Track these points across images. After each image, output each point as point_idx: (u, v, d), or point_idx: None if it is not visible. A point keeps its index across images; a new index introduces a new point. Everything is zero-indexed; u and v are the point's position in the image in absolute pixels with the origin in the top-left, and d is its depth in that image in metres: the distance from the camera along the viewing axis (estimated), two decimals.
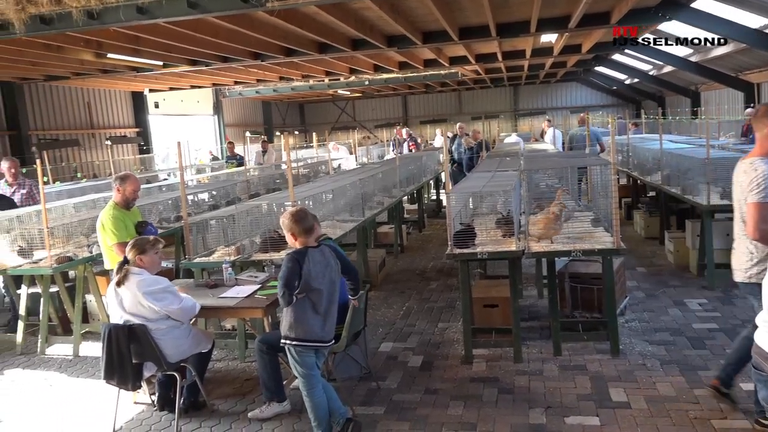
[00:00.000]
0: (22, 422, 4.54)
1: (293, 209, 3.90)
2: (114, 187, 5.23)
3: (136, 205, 5.43)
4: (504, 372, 4.80)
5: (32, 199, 7.41)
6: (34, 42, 8.45)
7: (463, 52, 13.51)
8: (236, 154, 13.76)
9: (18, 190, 7.51)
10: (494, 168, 7.85)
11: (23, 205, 7.27)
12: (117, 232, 5.01)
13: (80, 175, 14.25)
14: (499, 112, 27.20)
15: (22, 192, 7.49)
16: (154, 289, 4.04)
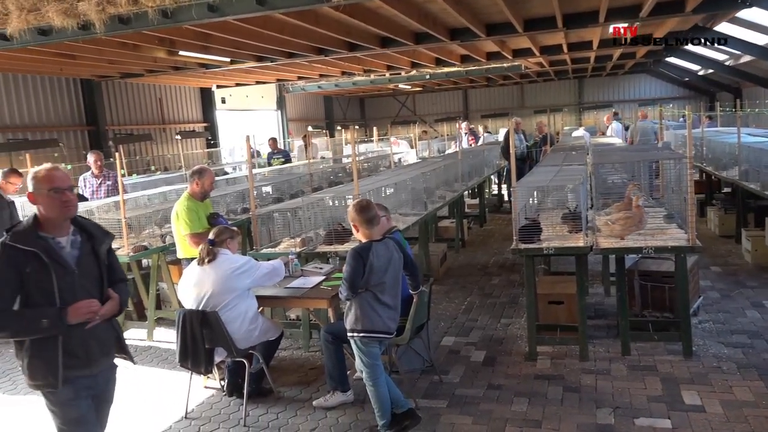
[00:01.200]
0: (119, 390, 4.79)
1: (358, 200, 3.95)
2: (191, 179, 5.43)
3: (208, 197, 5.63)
4: (569, 370, 4.71)
5: (117, 191, 7.80)
6: (112, 41, 8.85)
7: (527, 44, 13.24)
8: (280, 150, 13.62)
9: (104, 182, 7.94)
10: (560, 162, 7.69)
11: (109, 196, 7.68)
12: (190, 222, 5.22)
13: (154, 167, 14.88)
14: (562, 106, 26.49)
15: (108, 183, 7.91)
16: (240, 264, 4.28)
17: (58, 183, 2.72)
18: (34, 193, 2.72)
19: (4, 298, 2.64)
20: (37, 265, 2.65)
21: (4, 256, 2.64)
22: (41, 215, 2.74)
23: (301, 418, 4.27)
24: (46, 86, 12.58)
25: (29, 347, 2.70)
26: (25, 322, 2.65)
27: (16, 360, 2.81)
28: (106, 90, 14.05)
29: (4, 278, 2.63)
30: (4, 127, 11.61)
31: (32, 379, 2.73)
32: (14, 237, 2.67)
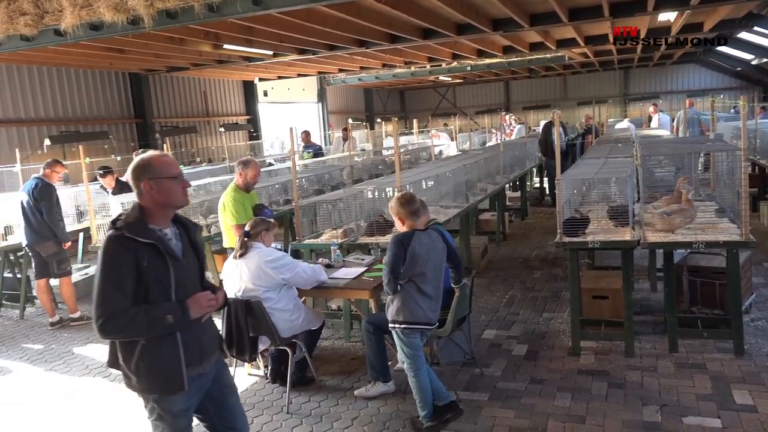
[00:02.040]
0: None
1: (400, 193, 3.95)
2: (237, 171, 5.53)
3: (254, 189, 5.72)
4: (614, 366, 4.62)
5: None
6: (159, 35, 9.05)
7: (571, 34, 12.97)
8: (312, 143, 13.29)
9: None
10: (605, 154, 7.53)
11: None
12: (236, 213, 5.31)
13: (199, 159, 15.20)
14: (607, 97, 25.87)
15: None
16: (274, 258, 4.30)
17: (176, 170, 2.59)
18: (150, 182, 2.53)
19: (126, 295, 2.44)
20: (155, 258, 2.48)
21: (122, 249, 2.44)
22: (146, 205, 2.56)
23: (343, 407, 4.32)
24: (96, 80, 12.97)
25: (146, 349, 2.49)
26: (151, 320, 2.44)
27: (122, 366, 2.53)
28: (153, 83, 14.40)
29: (124, 273, 2.43)
30: (58, 120, 12.03)
31: (153, 383, 2.52)
32: (129, 228, 2.47)
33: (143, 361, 2.49)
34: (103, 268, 2.44)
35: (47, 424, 4.40)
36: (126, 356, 2.51)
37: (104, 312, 2.39)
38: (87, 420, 4.41)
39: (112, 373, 5.22)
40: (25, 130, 11.44)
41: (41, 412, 4.60)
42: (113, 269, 2.43)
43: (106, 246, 2.46)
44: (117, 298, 2.40)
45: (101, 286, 2.42)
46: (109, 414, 4.48)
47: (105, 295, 2.41)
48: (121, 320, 2.41)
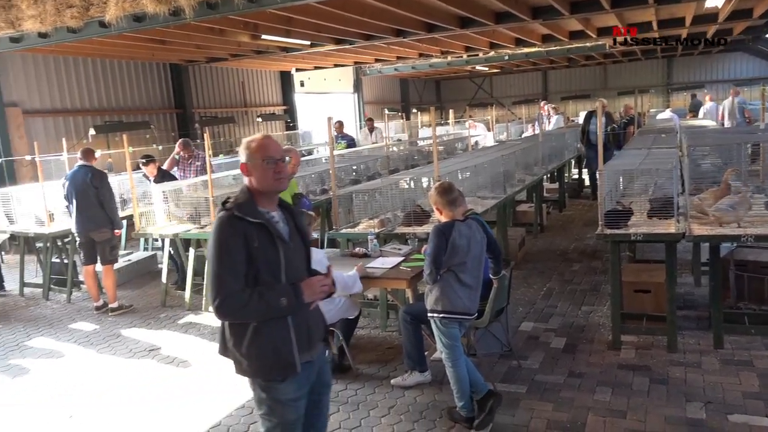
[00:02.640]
0: (207, 364, 5.07)
1: (439, 183, 3.93)
2: None
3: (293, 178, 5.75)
4: (656, 361, 4.53)
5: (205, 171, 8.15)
6: (200, 26, 9.17)
7: (613, 21, 12.65)
8: (345, 135, 13.07)
9: (193, 162, 8.31)
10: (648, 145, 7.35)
11: (198, 174, 8.04)
12: None
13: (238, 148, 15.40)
14: (649, 87, 25.21)
15: (197, 164, 8.28)
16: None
17: (272, 152, 2.53)
18: (248, 164, 2.54)
19: (239, 277, 2.40)
20: (265, 239, 2.45)
21: (232, 230, 2.41)
22: (254, 188, 2.54)
23: (380, 395, 4.34)
24: (138, 71, 13.25)
25: (258, 332, 2.45)
26: (266, 302, 2.41)
27: (231, 351, 2.51)
28: (192, 74, 14.64)
29: (236, 253, 2.39)
30: (102, 110, 12.34)
31: (266, 366, 2.49)
32: (240, 209, 2.45)
33: (255, 344, 2.46)
34: (216, 250, 2.41)
35: (102, 404, 4.55)
36: (236, 340, 2.49)
37: (220, 294, 2.38)
38: (136, 400, 4.54)
39: (157, 356, 5.37)
40: (71, 120, 11.77)
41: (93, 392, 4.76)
42: (226, 250, 2.40)
43: (217, 227, 2.45)
44: (231, 279, 2.39)
45: (216, 267, 2.40)
46: (156, 394, 4.61)
47: (220, 277, 2.38)
48: (237, 302, 2.39)
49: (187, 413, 4.29)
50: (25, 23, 8.28)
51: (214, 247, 2.42)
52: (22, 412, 4.49)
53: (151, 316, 6.56)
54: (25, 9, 8.14)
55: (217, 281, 2.39)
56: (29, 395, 4.77)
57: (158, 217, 6.89)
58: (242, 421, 4.11)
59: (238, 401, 4.39)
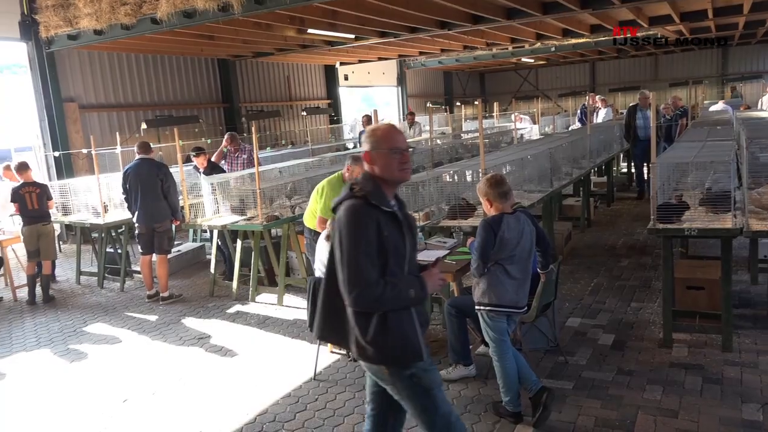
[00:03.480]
0: (254, 353, 5.18)
1: (489, 175, 3.89)
2: (346, 164, 5.60)
3: None
4: (709, 360, 4.39)
5: (251, 164, 8.29)
6: (247, 21, 9.33)
7: (666, 10, 12.23)
8: None
9: (240, 155, 8.46)
10: (702, 138, 7.09)
11: (245, 168, 8.19)
12: (326, 207, 5.32)
13: (283, 142, 15.62)
14: (702, 78, 24.33)
15: (243, 157, 8.43)
16: None
17: (398, 143, 2.50)
18: (372, 153, 2.50)
19: (376, 266, 2.36)
20: (393, 228, 2.42)
21: (368, 218, 2.37)
22: (377, 176, 2.50)
23: None
24: (188, 66, 13.56)
25: (384, 319, 2.41)
26: (398, 292, 2.38)
27: (354, 338, 2.46)
28: (239, 69, 14.89)
29: (372, 242, 2.35)
30: (153, 105, 12.69)
31: (393, 353, 2.45)
32: (373, 196, 2.42)
33: (382, 332, 2.42)
34: (352, 238, 2.36)
35: (153, 390, 4.71)
36: (362, 327, 2.44)
37: (359, 283, 2.34)
38: (186, 387, 4.68)
39: (205, 344, 5.51)
40: (124, 114, 12.15)
41: (146, 378, 4.92)
42: (363, 239, 2.36)
43: (352, 215, 2.39)
44: (370, 268, 2.35)
45: (354, 256, 2.35)
46: (205, 382, 4.73)
47: (358, 266, 2.34)
48: (374, 292, 2.35)
49: (234, 401, 4.39)
50: (81, 21, 8.60)
51: (350, 235, 2.37)
52: (79, 395, 4.68)
53: (200, 305, 6.73)
54: (82, 7, 8.45)
55: (356, 270, 2.34)
56: (86, 379, 4.97)
57: (207, 208, 7.05)
58: (288, 410, 4.19)
59: (284, 390, 4.47)
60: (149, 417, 4.25)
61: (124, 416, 4.29)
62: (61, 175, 10.21)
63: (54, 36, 9.46)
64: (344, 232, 2.39)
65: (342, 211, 2.43)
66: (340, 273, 2.38)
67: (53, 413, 4.41)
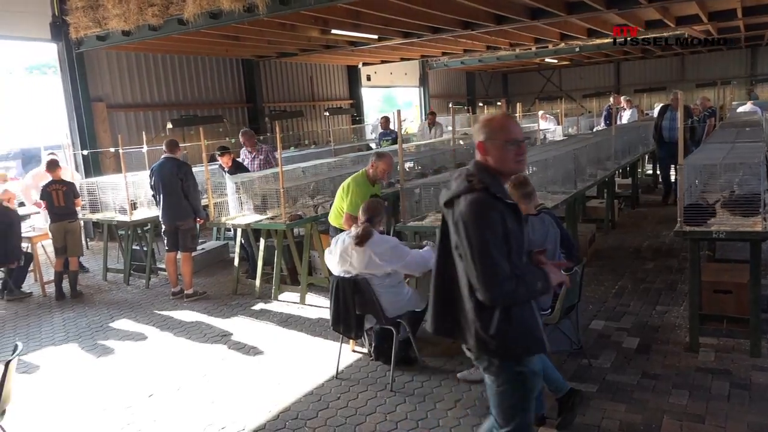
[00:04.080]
0: (277, 351, 5.23)
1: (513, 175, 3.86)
2: (370, 160, 5.64)
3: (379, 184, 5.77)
4: (737, 365, 4.32)
5: (268, 164, 8.35)
6: (272, 22, 9.41)
7: (693, 10, 12.05)
8: (392, 131, 12.50)
9: (257, 156, 8.53)
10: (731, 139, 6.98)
11: (261, 169, 8.24)
12: (353, 203, 5.35)
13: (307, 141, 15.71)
14: (730, 78, 23.87)
15: (260, 158, 8.49)
16: (388, 247, 4.37)
17: (514, 134, 2.44)
18: (486, 144, 2.44)
19: (506, 259, 2.32)
20: (513, 221, 2.37)
21: (494, 211, 2.32)
22: (492, 168, 2.45)
23: (446, 388, 4.34)
24: (213, 67, 13.72)
25: (508, 312, 2.40)
26: (527, 286, 2.38)
27: (473, 331, 2.43)
28: (263, 69, 15.01)
29: (500, 234, 2.31)
30: (178, 105, 12.86)
31: (517, 345, 2.46)
32: (495, 188, 2.39)
33: (506, 324, 2.40)
34: (482, 231, 2.31)
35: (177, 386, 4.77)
36: (484, 321, 2.41)
37: (495, 277, 2.30)
38: (209, 383, 4.74)
39: (229, 342, 5.57)
40: (150, 114, 12.34)
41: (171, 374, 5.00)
42: (491, 232, 2.31)
43: (477, 207, 2.33)
44: (503, 262, 2.30)
45: (486, 251, 2.30)
46: (229, 379, 4.79)
47: (493, 261, 2.29)
48: (510, 285, 2.32)
49: (257, 398, 4.43)
50: (110, 22, 8.75)
51: (478, 229, 2.31)
52: (106, 389, 4.76)
53: (224, 303, 6.80)
54: (111, 8, 8.60)
55: (491, 265, 2.30)
56: (113, 374, 5.06)
57: (231, 207, 7.12)
58: (311, 407, 4.21)
59: (307, 388, 4.50)
60: (174, 412, 4.32)
61: (149, 411, 4.36)
62: (89, 173, 10.40)
63: (83, 37, 9.65)
64: (471, 226, 2.32)
65: (465, 205, 2.36)
66: (472, 268, 2.32)
67: (81, 406, 4.50)
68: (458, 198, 2.40)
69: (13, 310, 7.07)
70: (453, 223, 2.42)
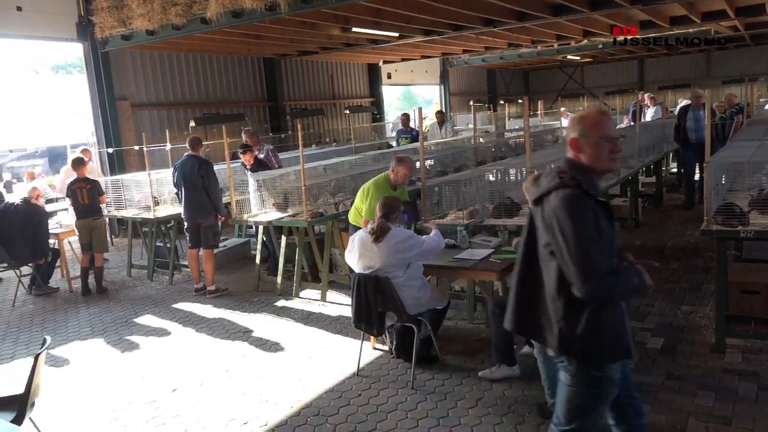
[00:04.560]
0: (298, 347, 5.27)
1: (536, 173, 3.85)
2: (391, 165, 5.63)
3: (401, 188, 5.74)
4: (765, 367, 4.24)
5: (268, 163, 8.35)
6: (293, 20, 9.45)
7: (720, 5, 11.85)
8: (411, 129, 12.36)
9: (258, 155, 8.54)
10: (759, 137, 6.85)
11: None
12: (372, 209, 5.27)
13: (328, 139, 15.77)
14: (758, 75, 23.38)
15: (260, 156, 8.45)
16: (403, 239, 4.38)
17: (610, 131, 2.41)
18: (580, 140, 2.40)
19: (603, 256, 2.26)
20: (605, 220, 2.32)
21: (586, 207, 2.29)
22: (585, 165, 2.41)
23: (467, 387, 4.33)
24: (234, 65, 13.83)
25: (597, 312, 2.35)
26: (624, 284, 2.35)
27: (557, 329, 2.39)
28: (284, 68, 15.09)
29: (595, 231, 2.26)
30: (201, 103, 13.00)
31: (604, 347, 2.39)
32: (587, 185, 2.34)
33: (595, 326, 2.34)
34: (576, 228, 2.26)
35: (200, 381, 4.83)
36: (571, 320, 2.37)
37: (594, 274, 2.24)
38: (231, 379, 4.79)
39: (250, 338, 5.62)
40: (173, 112, 12.48)
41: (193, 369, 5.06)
42: (589, 228, 2.26)
43: (571, 203, 2.29)
44: (600, 258, 2.25)
45: (583, 247, 2.25)
46: (250, 375, 4.83)
47: (590, 257, 2.24)
48: (608, 282, 2.27)
49: (279, 394, 4.46)
50: (134, 21, 8.87)
51: (573, 225, 2.26)
52: (130, 383, 4.84)
53: (245, 299, 6.86)
54: (135, 8, 8.71)
55: (588, 261, 2.24)
56: (137, 368, 5.14)
57: (252, 204, 7.18)
58: (332, 404, 4.23)
59: (328, 384, 4.52)
60: (197, 407, 4.37)
61: (172, 405, 4.41)
62: (113, 170, 10.55)
63: (108, 36, 9.79)
64: (566, 222, 2.28)
65: (557, 201, 2.32)
66: (569, 263, 2.27)
67: (106, 400, 4.57)
68: (548, 195, 2.36)
69: (41, 305, 7.21)
70: (543, 220, 2.38)
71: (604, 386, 2.47)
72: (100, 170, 10.14)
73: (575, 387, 2.49)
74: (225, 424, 4.09)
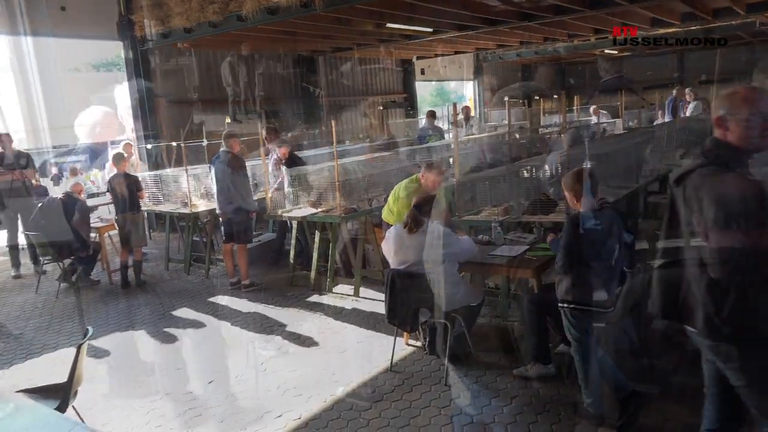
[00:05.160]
0: (330, 342, 5.31)
1: (577, 168, 3.78)
2: (421, 170, 5.63)
3: None
4: None
5: None
6: (328, 17, 9.46)
7: None
8: (437, 127, 12.24)
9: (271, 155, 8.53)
10: None
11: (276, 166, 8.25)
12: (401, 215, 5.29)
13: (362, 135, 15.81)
14: None
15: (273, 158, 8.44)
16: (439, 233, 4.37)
17: (761, 107, 2.30)
18: (728, 117, 2.33)
19: (741, 234, 2.21)
20: (755, 200, 2.23)
21: (730, 186, 2.24)
22: (730, 144, 2.33)
23: (501, 384, 4.29)
24: (270, 62, 13.94)
25: (746, 295, 2.28)
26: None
27: (701, 315, 2.35)
28: (318, 64, 15.16)
29: (737, 210, 2.20)
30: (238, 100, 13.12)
31: (748, 332, 2.31)
32: (734, 164, 2.29)
33: (742, 307, 2.25)
34: (717, 204, 2.22)
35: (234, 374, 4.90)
36: (716, 302, 2.28)
37: (729, 252, 2.23)
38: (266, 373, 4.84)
39: (283, 333, 5.68)
40: (210, 109, 12.64)
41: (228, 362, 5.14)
42: (730, 205, 2.22)
43: (713, 181, 2.26)
44: (739, 235, 2.20)
45: (720, 223, 2.22)
46: (284, 369, 4.88)
47: (727, 234, 2.22)
48: (743, 262, 2.24)
49: (313, 388, 4.49)
50: (173, 20, 9.03)
51: (714, 200, 2.22)
52: (168, 375, 4.94)
53: (279, 294, 6.93)
54: (173, 7, 8.87)
55: (724, 237, 2.21)
56: (174, 360, 5.24)
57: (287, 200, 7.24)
58: (366, 399, 4.24)
59: (361, 379, 4.54)
60: (232, 399, 4.43)
61: (208, 397, 4.49)
62: (152, 166, 10.77)
63: (148, 35, 9.99)
64: (707, 199, 2.23)
65: (699, 179, 2.29)
66: (715, 241, 2.22)
67: (145, 390, 4.68)
68: (691, 173, 2.31)
69: (83, 297, 7.41)
70: (684, 198, 2.33)
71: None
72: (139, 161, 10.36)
73: (752, 378, 2.37)
74: (259, 416, 4.14)
